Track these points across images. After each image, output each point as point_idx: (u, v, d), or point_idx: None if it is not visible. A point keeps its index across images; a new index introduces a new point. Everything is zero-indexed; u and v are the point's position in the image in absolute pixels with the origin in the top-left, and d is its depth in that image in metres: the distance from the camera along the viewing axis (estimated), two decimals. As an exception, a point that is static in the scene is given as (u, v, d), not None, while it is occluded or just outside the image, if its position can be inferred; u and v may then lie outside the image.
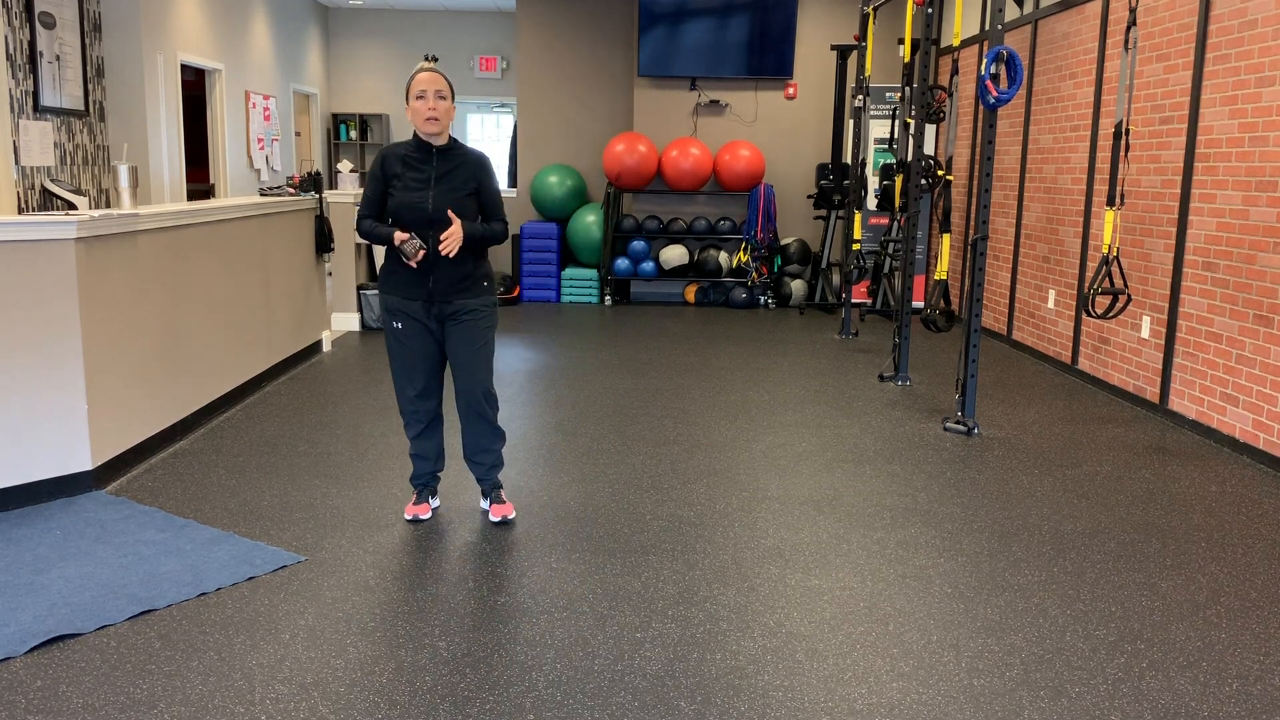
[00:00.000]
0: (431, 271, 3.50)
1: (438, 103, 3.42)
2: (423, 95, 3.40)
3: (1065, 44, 6.91)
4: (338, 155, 13.76)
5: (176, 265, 4.72)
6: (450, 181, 3.47)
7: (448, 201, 3.44)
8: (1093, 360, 6.40)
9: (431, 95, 3.41)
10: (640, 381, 6.24)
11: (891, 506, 4.05)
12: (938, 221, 6.48)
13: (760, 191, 9.46)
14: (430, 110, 3.40)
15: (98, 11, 8.12)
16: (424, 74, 3.43)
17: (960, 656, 2.83)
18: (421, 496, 3.83)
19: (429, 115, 3.40)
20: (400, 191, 3.45)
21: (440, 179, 3.46)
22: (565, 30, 10.11)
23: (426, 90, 3.41)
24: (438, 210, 3.43)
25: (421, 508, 3.80)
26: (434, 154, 3.49)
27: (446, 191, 3.45)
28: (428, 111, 3.40)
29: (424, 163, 3.47)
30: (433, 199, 3.43)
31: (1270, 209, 4.69)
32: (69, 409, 3.93)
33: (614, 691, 2.61)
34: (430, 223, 3.44)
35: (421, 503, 3.81)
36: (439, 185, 3.45)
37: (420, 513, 3.79)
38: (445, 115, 3.44)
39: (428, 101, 3.40)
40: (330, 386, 5.94)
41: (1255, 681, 2.73)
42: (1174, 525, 3.91)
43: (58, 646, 2.81)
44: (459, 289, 3.54)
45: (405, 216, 3.44)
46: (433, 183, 3.45)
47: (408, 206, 3.43)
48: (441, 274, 3.51)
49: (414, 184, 3.45)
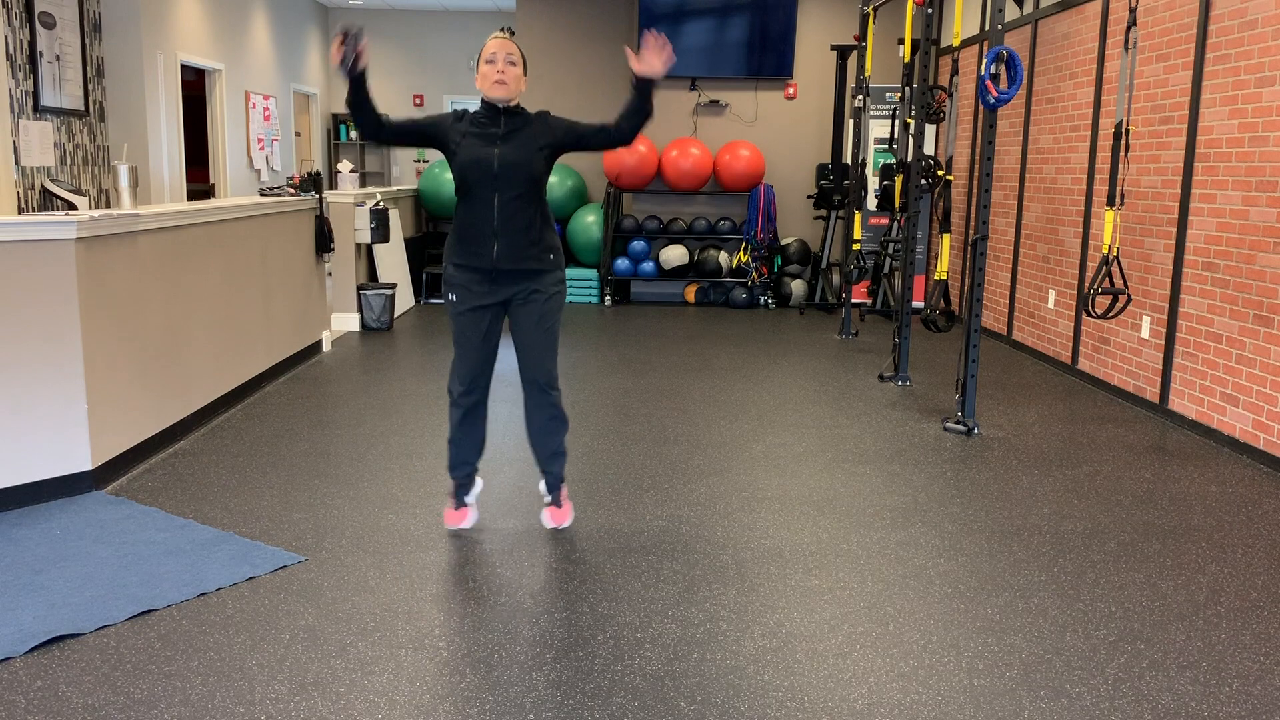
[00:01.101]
0: (496, 237, 3.39)
1: (507, 67, 3.34)
2: (493, 59, 3.34)
3: (1065, 44, 6.91)
4: (338, 155, 13.76)
5: (176, 265, 4.72)
6: (518, 139, 3.37)
7: (515, 158, 3.35)
8: (1093, 360, 6.40)
9: (502, 59, 3.34)
10: (640, 381, 6.24)
11: (891, 506, 4.05)
12: (938, 221, 6.48)
13: (760, 191, 9.46)
14: (499, 74, 3.33)
15: (98, 11, 8.12)
16: (495, 40, 3.37)
17: (960, 656, 2.83)
18: (460, 498, 3.68)
19: (497, 79, 3.33)
20: (466, 149, 3.35)
21: (507, 137, 3.37)
22: (565, 30, 10.11)
23: (497, 54, 3.34)
24: (503, 166, 3.34)
25: (461, 514, 3.67)
26: (501, 115, 3.39)
27: (514, 149, 3.36)
28: (496, 75, 3.33)
29: (491, 123, 3.39)
30: (498, 155, 3.34)
31: (1270, 209, 4.69)
32: (69, 409, 3.93)
33: (614, 691, 2.61)
34: (495, 180, 3.35)
35: (461, 506, 3.68)
36: (505, 143, 3.36)
37: (459, 521, 3.67)
38: (514, 81, 3.35)
39: (497, 65, 3.33)
40: (330, 386, 5.94)
41: (1255, 681, 2.73)
42: (1174, 525, 3.91)
43: (58, 646, 2.81)
44: (525, 256, 3.42)
45: (470, 174, 3.35)
46: (499, 142, 3.36)
47: (473, 162, 3.34)
48: (506, 238, 3.39)
49: (480, 142, 3.36)
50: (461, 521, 3.69)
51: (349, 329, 7.90)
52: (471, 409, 3.58)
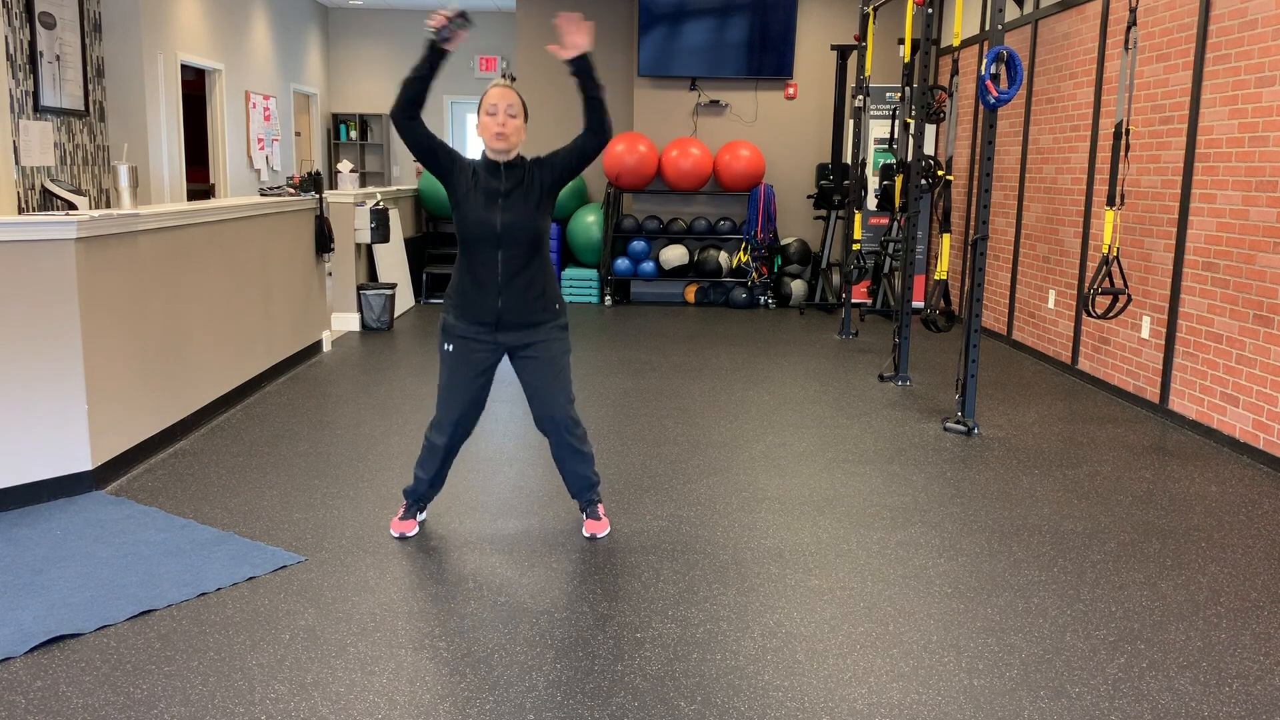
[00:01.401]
0: (500, 294, 3.36)
1: (508, 120, 3.27)
2: (493, 111, 3.28)
3: (1065, 44, 6.91)
4: (338, 155, 13.76)
5: (176, 265, 4.72)
6: (517, 196, 3.32)
7: (516, 218, 3.31)
8: (1093, 360, 6.40)
9: (503, 111, 3.27)
10: (640, 381, 6.24)
11: (891, 506, 4.05)
12: (938, 221, 6.48)
13: (760, 191, 9.46)
14: (500, 127, 3.26)
15: (98, 11, 8.12)
16: (496, 89, 3.30)
17: (960, 656, 2.83)
18: (410, 511, 3.67)
19: (498, 131, 3.27)
20: (468, 207, 3.32)
21: (508, 195, 3.32)
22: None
23: (498, 105, 3.27)
24: (506, 228, 3.30)
25: (408, 524, 3.65)
26: (501, 171, 3.33)
27: (515, 207, 3.31)
28: (496, 128, 3.27)
29: (493, 178, 3.33)
30: (501, 219, 3.30)
31: (1270, 209, 4.69)
32: (69, 409, 3.93)
33: (614, 691, 2.61)
34: (499, 239, 3.31)
35: (408, 518, 3.66)
36: (507, 202, 3.31)
37: (406, 529, 3.63)
38: (515, 134, 3.30)
39: (498, 118, 3.27)
40: (330, 387, 5.94)
41: (1255, 681, 2.73)
42: (1174, 525, 3.91)
43: (58, 646, 2.81)
44: (530, 309, 3.40)
45: (474, 233, 3.32)
46: (500, 201, 3.31)
47: (476, 223, 3.30)
48: (511, 294, 3.37)
49: (483, 200, 3.31)
50: (409, 530, 3.64)
51: (349, 329, 7.90)
52: (449, 452, 3.58)
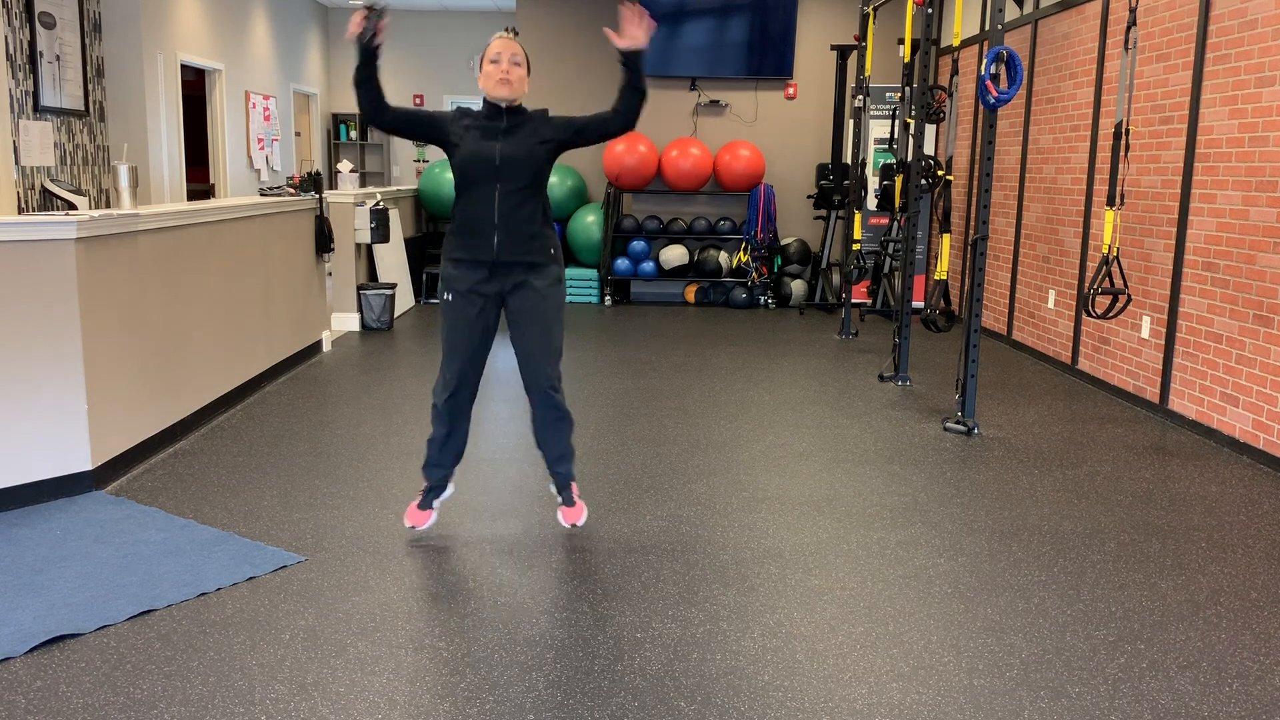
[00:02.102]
0: (496, 229, 3.36)
1: (512, 68, 3.33)
2: (497, 59, 3.33)
3: (1065, 44, 6.91)
4: (338, 155, 13.76)
5: (176, 265, 4.72)
6: (520, 134, 3.36)
7: (515, 151, 3.34)
8: (1093, 360, 6.40)
9: (507, 59, 3.33)
10: (640, 381, 6.24)
11: (891, 506, 4.05)
12: (938, 221, 6.48)
13: (760, 191, 9.46)
14: (504, 74, 3.32)
15: (98, 11, 8.12)
16: (500, 39, 3.36)
17: (960, 656, 2.83)
18: (427, 500, 3.61)
19: (501, 78, 3.32)
20: (467, 143, 3.35)
21: (509, 131, 3.36)
22: (565, 30, 10.11)
23: (502, 53, 3.33)
24: (505, 159, 3.33)
25: (424, 515, 3.60)
26: (503, 112, 3.38)
27: (516, 143, 3.35)
28: (500, 74, 3.32)
29: (493, 119, 3.38)
30: (500, 149, 3.33)
31: (1270, 209, 4.69)
32: (69, 409, 3.93)
33: (614, 691, 2.61)
34: (496, 173, 3.34)
35: (426, 508, 3.61)
36: (507, 137, 3.35)
37: (420, 522, 3.60)
38: (519, 82, 3.35)
39: (501, 65, 3.32)
40: (330, 386, 5.94)
41: (1255, 681, 2.73)
42: (1174, 525, 3.91)
43: (58, 646, 2.81)
44: (525, 249, 3.39)
45: (471, 167, 3.34)
46: (500, 136, 3.35)
47: (474, 155, 3.34)
48: (507, 233, 3.37)
49: (478, 135, 3.36)
50: (423, 523, 3.61)
51: (349, 329, 7.90)
52: (455, 413, 3.52)
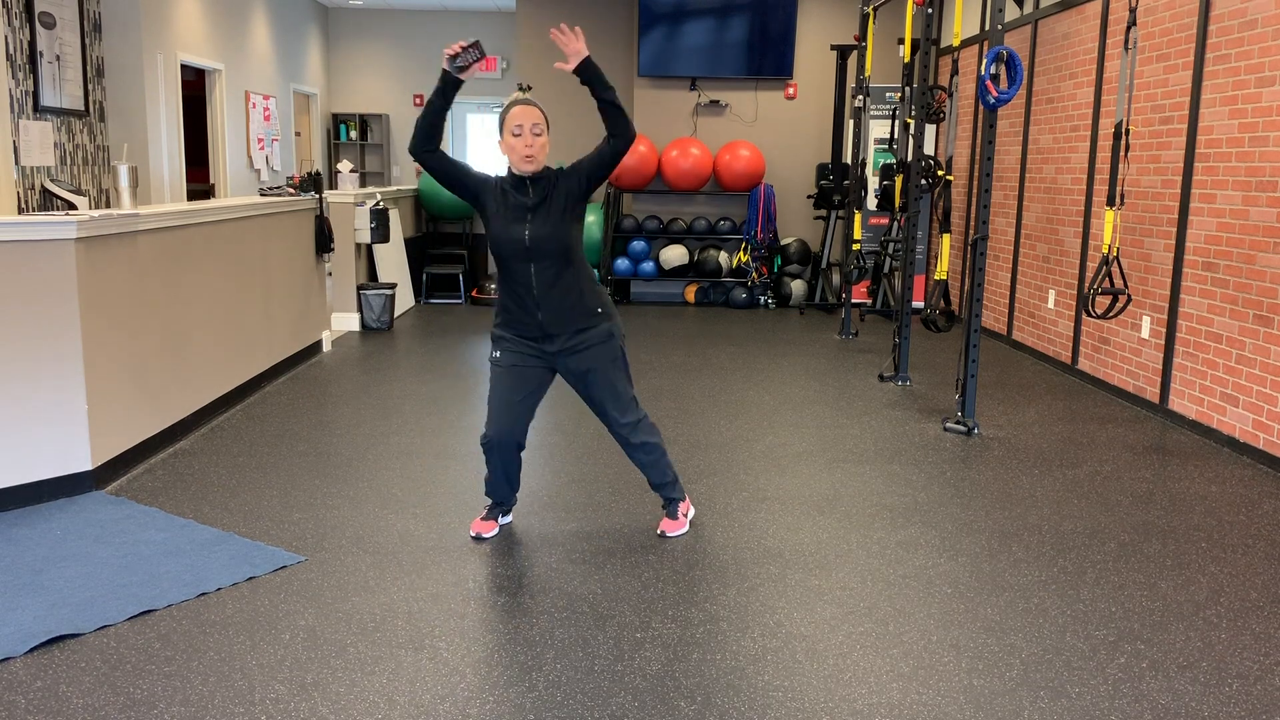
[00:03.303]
0: (539, 308, 3.37)
1: (534, 140, 3.27)
2: (519, 132, 3.26)
3: (1065, 44, 6.91)
4: (338, 155, 13.76)
5: (176, 265, 4.72)
6: (546, 209, 3.32)
7: (544, 231, 3.30)
8: (1093, 360, 6.40)
9: (528, 131, 3.27)
10: (640, 381, 6.24)
11: (891, 506, 4.05)
12: (938, 221, 6.48)
13: (760, 191, 9.46)
14: (527, 149, 3.27)
15: (98, 11, 8.12)
16: (519, 108, 3.28)
17: (960, 656, 2.83)
18: (491, 513, 3.68)
19: (526, 154, 3.27)
20: (497, 224, 3.33)
21: (536, 209, 3.32)
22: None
23: (523, 126, 3.26)
24: (534, 241, 3.30)
25: (487, 525, 3.65)
26: (529, 186, 3.33)
27: (544, 220, 3.31)
28: (525, 149, 3.27)
29: (520, 194, 3.33)
30: (529, 231, 3.30)
31: (1270, 209, 4.69)
32: (69, 409, 3.93)
33: (614, 691, 2.61)
34: (529, 254, 3.31)
35: (489, 519, 3.67)
36: (535, 216, 3.31)
37: (484, 530, 3.63)
38: (542, 152, 3.31)
39: (524, 139, 3.26)
40: (330, 386, 5.94)
41: (1255, 681, 2.73)
42: (1174, 525, 3.91)
43: (58, 646, 2.81)
44: (570, 317, 3.39)
45: (504, 249, 3.33)
46: (529, 216, 3.31)
47: (505, 239, 3.31)
48: (550, 306, 3.36)
49: (511, 216, 3.32)
50: (486, 531, 3.64)
51: (349, 329, 7.90)
52: (501, 455, 3.52)
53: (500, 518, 3.72)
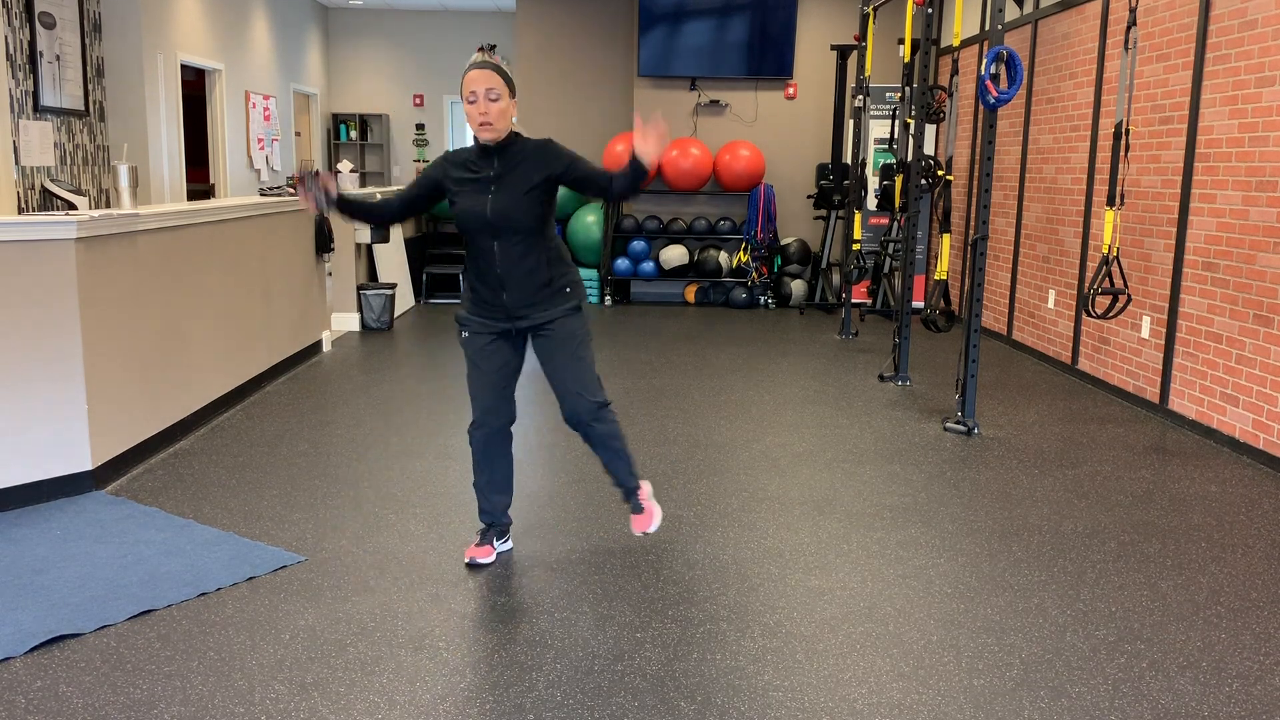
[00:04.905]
0: (503, 286, 3.19)
1: (489, 105, 3.04)
2: (474, 99, 3.06)
3: (1065, 44, 6.91)
4: (338, 155, 13.76)
5: (176, 265, 4.72)
6: (510, 181, 3.12)
7: (508, 203, 3.11)
8: (1093, 360, 6.40)
9: (482, 97, 3.04)
10: (640, 381, 6.24)
11: (891, 506, 4.05)
12: (938, 221, 6.48)
13: (760, 191, 9.46)
14: (482, 115, 3.05)
15: (98, 11, 8.12)
16: (473, 72, 3.06)
17: (960, 656, 2.83)
18: (486, 537, 3.43)
19: (481, 121, 3.06)
20: (459, 198, 3.16)
21: (499, 179, 3.13)
22: (565, 30, 10.11)
23: (477, 92, 3.05)
24: (496, 215, 3.11)
25: (483, 550, 3.39)
26: (493, 155, 3.14)
27: (507, 193, 3.12)
28: (479, 116, 3.06)
29: (484, 165, 3.15)
30: (490, 204, 3.11)
31: (1270, 209, 4.69)
32: (69, 409, 3.93)
33: (614, 691, 2.61)
34: (491, 228, 3.13)
35: (484, 544, 3.41)
36: (498, 187, 3.12)
37: (480, 556, 3.38)
38: (500, 118, 3.07)
39: (479, 105, 3.05)
40: (330, 386, 5.94)
41: (1255, 681, 2.73)
42: (1174, 525, 3.91)
43: (58, 646, 2.81)
44: (537, 300, 3.21)
45: (467, 224, 3.16)
46: (491, 187, 3.13)
47: (467, 213, 3.14)
48: (515, 286, 3.18)
49: (471, 188, 3.15)
50: (482, 557, 3.40)
51: (349, 329, 7.90)
52: (487, 440, 3.33)
53: (496, 542, 3.45)
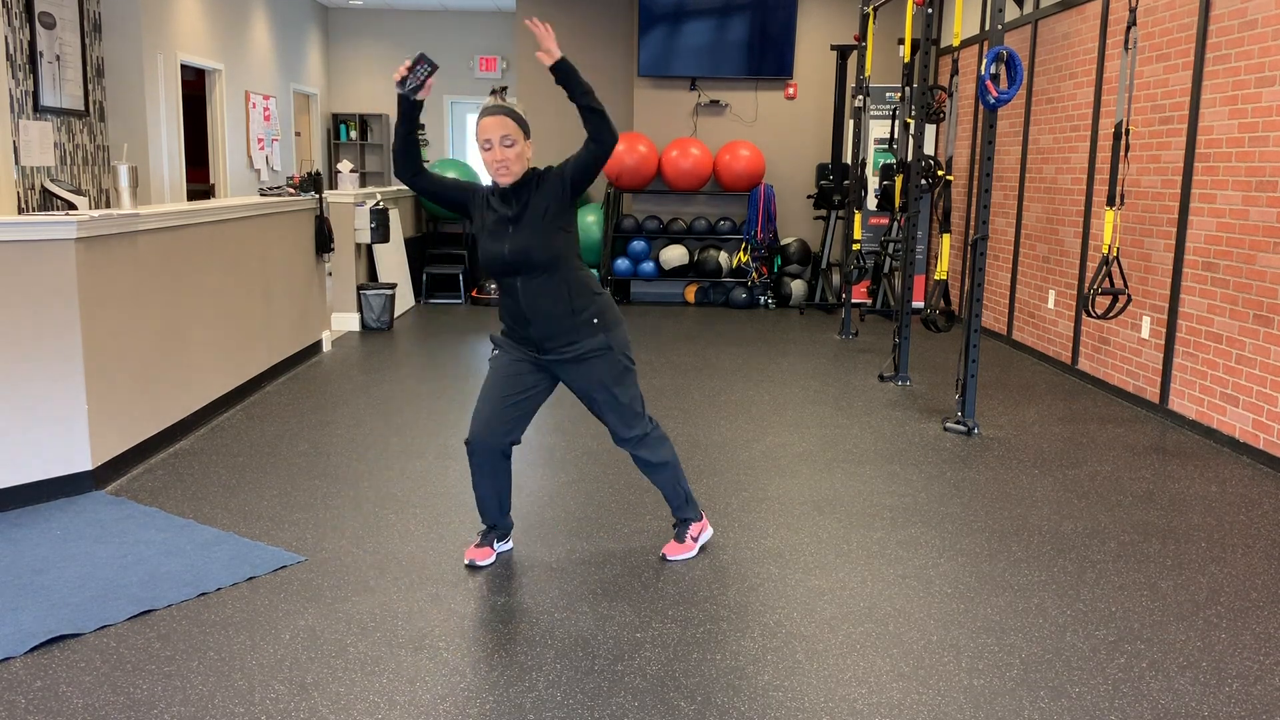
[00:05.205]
0: (529, 322, 3.20)
1: (504, 152, 3.08)
2: (489, 146, 3.08)
3: (1065, 44, 6.91)
4: (338, 155, 13.76)
5: (176, 265, 4.72)
6: (526, 218, 3.15)
7: (525, 243, 3.13)
8: (1093, 360, 6.40)
9: (498, 145, 3.08)
10: (641, 381, 6.23)
11: (891, 506, 4.05)
12: (938, 221, 6.48)
13: (760, 191, 9.46)
14: (499, 162, 3.09)
15: (98, 11, 8.12)
16: (487, 119, 3.08)
17: (960, 656, 2.83)
18: (486, 539, 3.43)
19: (498, 169, 3.10)
20: (482, 239, 3.19)
21: (517, 220, 3.15)
22: (565, 30, 10.11)
23: (492, 140, 3.07)
24: (514, 254, 3.13)
25: (482, 551, 3.39)
26: (511, 196, 3.17)
27: (524, 231, 3.14)
28: (495, 164, 3.10)
29: (503, 205, 3.18)
30: (509, 245, 3.13)
31: (1270, 209, 4.69)
32: (69, 409, 3.93)
33: (614, 691, 2.61)
34: (512, 267, 3.15)
35: (484, 545, 3.41)
36: (516, 228, 3.15)
37: (479, 558, 3.38)
38: (517, 162, 3.11)
39: (494, 153, 3.08)
40: (330, 386, 5.94)
41: (1255, 681, 2.73)
42: (1174, 525, 3.91)
43: (58, 646, 2.81)
44: (561, 331, 3.20)
45: (489, 265, 3.19)
46: (510, 228, 3.15)
47: (488, 255, 3.17)
48: (540, 319, 3.19)
49: (493, 230, 3.17)
50: (481, 559, 3.39)
51: (349, 329, 7.90)
52: (483, 460, 3.30)
53: (497, 544, 3.45)
